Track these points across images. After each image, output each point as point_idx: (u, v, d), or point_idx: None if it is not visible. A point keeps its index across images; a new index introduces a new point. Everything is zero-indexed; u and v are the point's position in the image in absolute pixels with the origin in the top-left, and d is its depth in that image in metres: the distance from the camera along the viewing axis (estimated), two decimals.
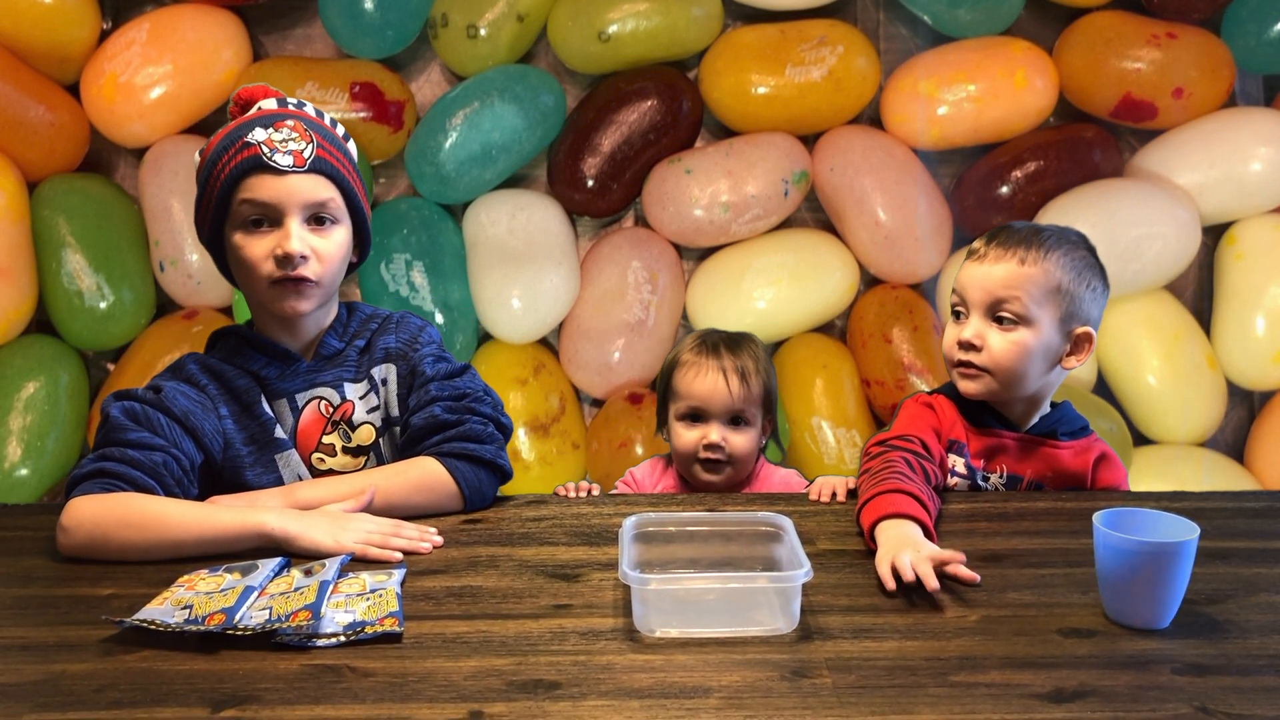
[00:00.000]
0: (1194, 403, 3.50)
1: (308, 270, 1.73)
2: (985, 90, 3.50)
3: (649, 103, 3.50)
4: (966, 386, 1.88)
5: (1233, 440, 3.71)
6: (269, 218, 1.73)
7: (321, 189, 1.74)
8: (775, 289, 3.56)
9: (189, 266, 3.48)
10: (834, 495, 1.88)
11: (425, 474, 1.77)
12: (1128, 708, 1.17)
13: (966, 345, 1.85)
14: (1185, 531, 1.35)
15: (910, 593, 1.46)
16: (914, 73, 3.56)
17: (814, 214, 3.73)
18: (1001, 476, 1.89)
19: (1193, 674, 1.24)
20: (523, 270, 3.48)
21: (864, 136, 3.59)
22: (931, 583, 1.44)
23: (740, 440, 2.06)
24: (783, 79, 3.50)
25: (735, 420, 2.07)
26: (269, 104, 1.81)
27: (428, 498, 1.76)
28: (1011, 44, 3.55)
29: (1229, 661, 1.27)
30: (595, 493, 1.96)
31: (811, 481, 1.99)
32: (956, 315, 1.90)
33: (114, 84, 3.41)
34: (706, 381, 2.06)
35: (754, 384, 2.06)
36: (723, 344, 2.10)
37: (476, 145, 3.43)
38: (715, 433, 2.05)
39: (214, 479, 1.78)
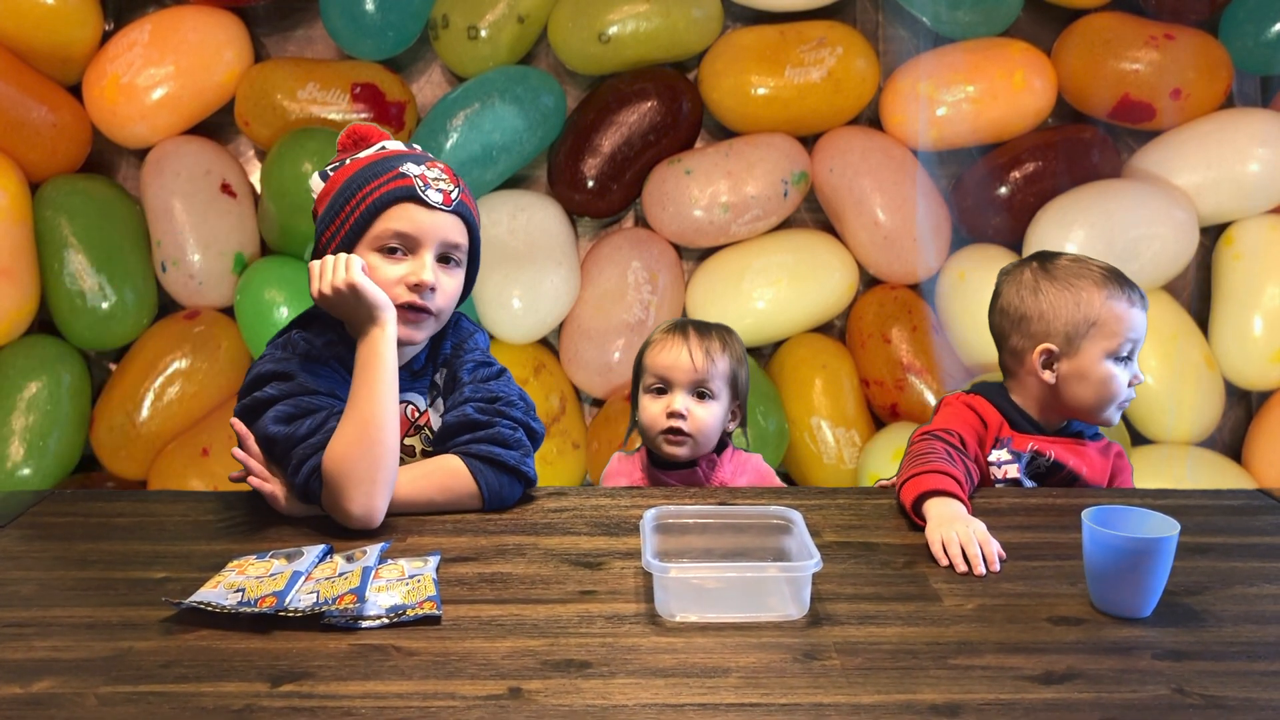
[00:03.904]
0: (1192, 402, 3.51)
1: (432, 302, 1.82)
2: (984, 91, 3.52)
3: (649, 104, 3.52)
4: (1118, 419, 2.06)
5: (1230, 440, 3.73)
6: (407, 248, 1.81)
7: (458, 232, 1.85)
8: (775, 289, 3.57)
9: (190, 267, 3.49)
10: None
11: (448, 474, 1.80)
12: (1111, 689, 1.26)
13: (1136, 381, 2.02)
14: (1167, 528, 1.44)
15: (926, 578, 1.54)
16: (913, 74, 3.57)
17: (813, 214, 3.75)
18: (1048, 458, 2.00)
19: (1171, 659, 1.33)
20: (523, 270, 3.49)
21: (863, 137, 3.61)
22: (979, 568, 1.55)
23: (703, 413, 2.13)
24: (782, 80, 3.52)
25: (700, 393, 2.13)
26: (394, 145, 1.90)
27: (449, 497, 1.80)
28: (1010, 45, 3.57)
29: (1205, 648, 1.36)
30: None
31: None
32: (1127, 359, 2.01)
33: (116, 85, 3.43)
34: (671, 353, 2.14)
35: (719, 359, 2.13)
36: (691, 325, 2.19)
37: (477, 146, 3.44)
38: (679, 401, 2.12)
39: None
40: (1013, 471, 1.98)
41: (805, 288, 3.61)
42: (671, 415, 2.11)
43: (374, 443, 1.68)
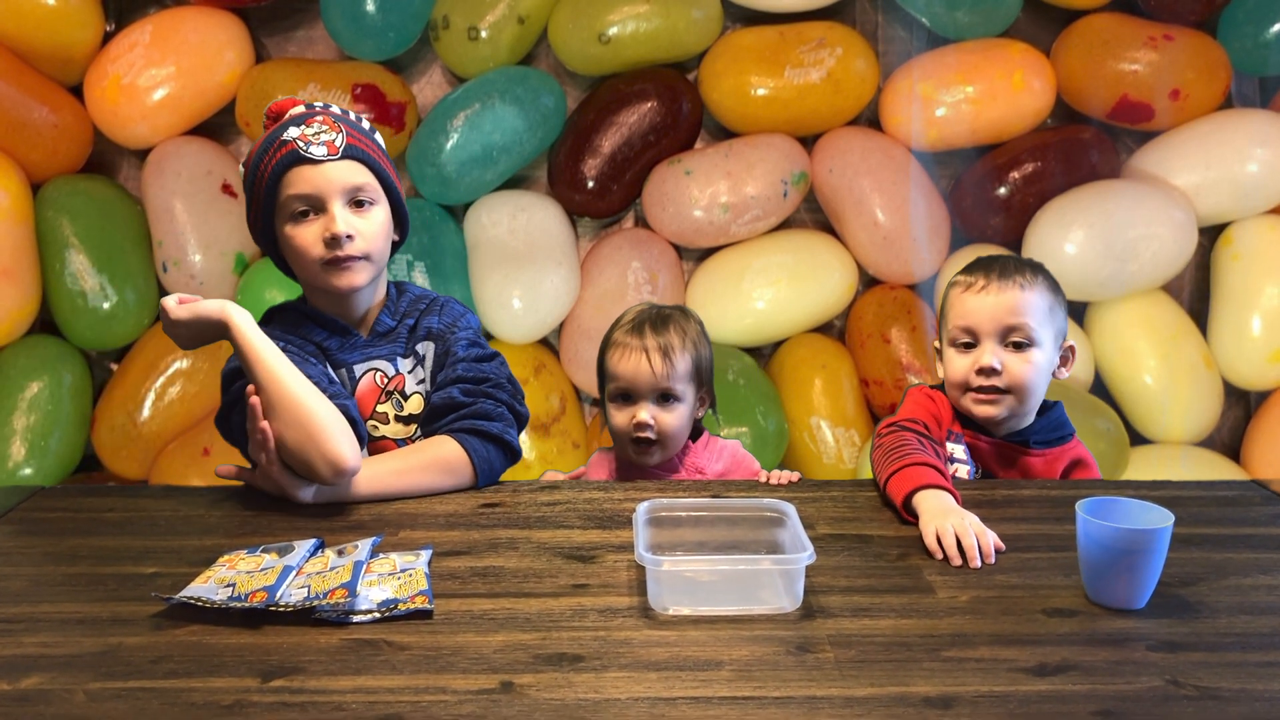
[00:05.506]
0: (1191, 403, 3.51)
1: (354, 248, 1.85)
2: (983, 92, 3.52)
3: (649, 104, 3.52)
4: (987, 411, 1.95)
5: (1229, 440, 3.73)
6: (313, 207, 1.85)
7: (357, 174, 1.86)
8: (774, 289, 3.58)
9: (191, 267, 3.50)
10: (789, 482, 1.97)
11: (440, 451, 1.86)
12: (1105, 681, 1.25)
13: (988, 371, 1.93)
14: (1161, 519, 1.43)
15: (919, 570, 1.55)
16: (912, 74, 3.57)
17: (813, 215, 3.75)
18: (977, 473, 1.99)
19: (1165, 650, 1.32)
20: (523, 271, 3.50)
21: (862, 138, 3.61)
22: (975, 561, 1.55)
23: (669, 418, 2.11)
24: (782, 80, 3.52)
25: (664, 398, 2.11)
26: (297, 110, 1.93)
27: (442, 473, 1.85)
28: (1009, 46, 3.56)
29: (1199, 639, 1.36)
30: None
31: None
32: (965, 346, 1.96)
33: (117, 85, 3.44)
34: (631, 361, 2.10)
35: (679, 360, 2.10)
36: (649, 323, 2.14)
37: (477, 146, 3.45)
38: (644, 412, 2.10)
39: None
40: (963, 472, 1.97)
41: (805, 288, 3.61)
42: (638, 426, 2.10)
43: (295, 410, 1.72)
